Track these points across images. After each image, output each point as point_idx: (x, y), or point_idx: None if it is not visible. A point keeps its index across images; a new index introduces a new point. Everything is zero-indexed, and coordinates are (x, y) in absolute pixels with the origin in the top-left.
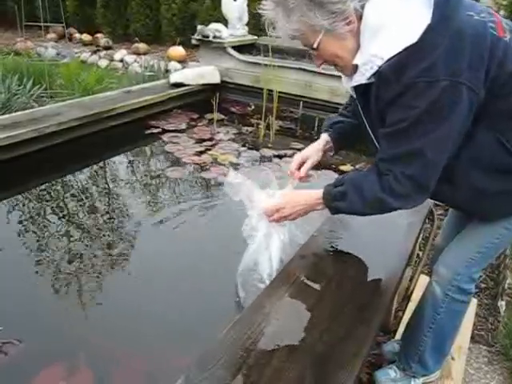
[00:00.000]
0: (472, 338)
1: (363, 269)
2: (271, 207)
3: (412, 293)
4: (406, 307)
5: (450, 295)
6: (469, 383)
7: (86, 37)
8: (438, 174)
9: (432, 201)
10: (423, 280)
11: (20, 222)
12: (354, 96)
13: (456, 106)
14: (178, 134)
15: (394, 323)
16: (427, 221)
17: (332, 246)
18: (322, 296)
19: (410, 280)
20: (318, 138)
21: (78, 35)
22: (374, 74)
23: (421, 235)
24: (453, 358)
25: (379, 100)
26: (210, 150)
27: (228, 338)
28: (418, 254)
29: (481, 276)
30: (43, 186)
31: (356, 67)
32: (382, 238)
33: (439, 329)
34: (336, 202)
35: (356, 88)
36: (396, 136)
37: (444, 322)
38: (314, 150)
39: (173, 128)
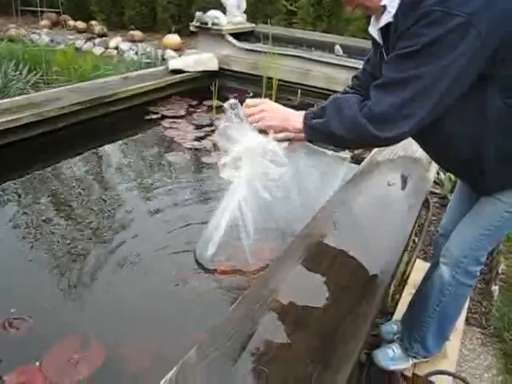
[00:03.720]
0: (466, 320)
1: (364, 249)
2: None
3: (408, 276)
4: (402, 290)
5: (456, 278)
6: (463, 363)
7: (80, 24)
8: (424, 110)
9: (428, 188)
10: (419, 264)
11: (20, 207)
12: (380, 41)
13: (461, 46)
14: (178, 120)
15: (391, 305)
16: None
17: (334, 227)
18: (326, 274)
19: (407, 264)
20: None
21: (71, 22)
22: None
23: (418, 220)
24: (448, 339)
25: (397, 33)
26: (209, 135)
27: (237, 311)
28: (413, 240)
29: None
30: (41, 172)
31: (384, 8)
32: (383, 220)
33: (443, 311)
34: (315, 119)
35: (382, 30)
36: (396, 61)
37: (449, 304)
38: None
39: (172, 114)
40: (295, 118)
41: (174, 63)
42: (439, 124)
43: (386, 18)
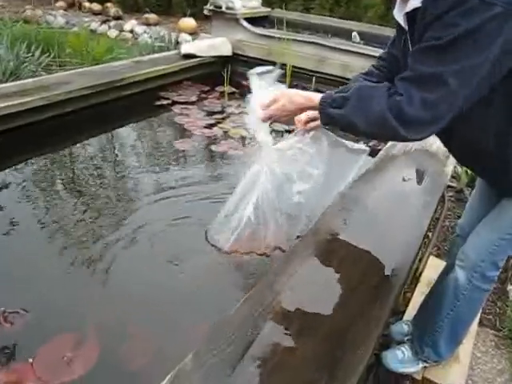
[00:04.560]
0: (480, 321)
1: (377, 247)
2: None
3: (421, 274)
4: (414, 288)
5: (472, 282)
6: (475, 366)
7: (95, 6)
8: (454, 110)
9: (445, 184)
10: (432, 261)
11: (27, 191)
12: (406, 27)
13: (498, 39)
14: (189, 106)
15: (403, 304)
16: None
17: (345, 224)
18: (336, 274)
19: (419, 261)
20: None
21: (87, 4)
22: None
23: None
24: (461, 344)
25: (425, 20)
26: (220, 122)
27: (238, 314)
28: (427, 236)
29: None
30: (49, 156)
31: None
32: (398, 214)
33: (457, 316)
34: (334, 108)
35: (408, 15)
36: (427, 53)
37: (463, 309)
38: None
39: (183, 100)
40: (311, 103)
41: (186, 47)
42: (463, 118)
43: (414, 2)
